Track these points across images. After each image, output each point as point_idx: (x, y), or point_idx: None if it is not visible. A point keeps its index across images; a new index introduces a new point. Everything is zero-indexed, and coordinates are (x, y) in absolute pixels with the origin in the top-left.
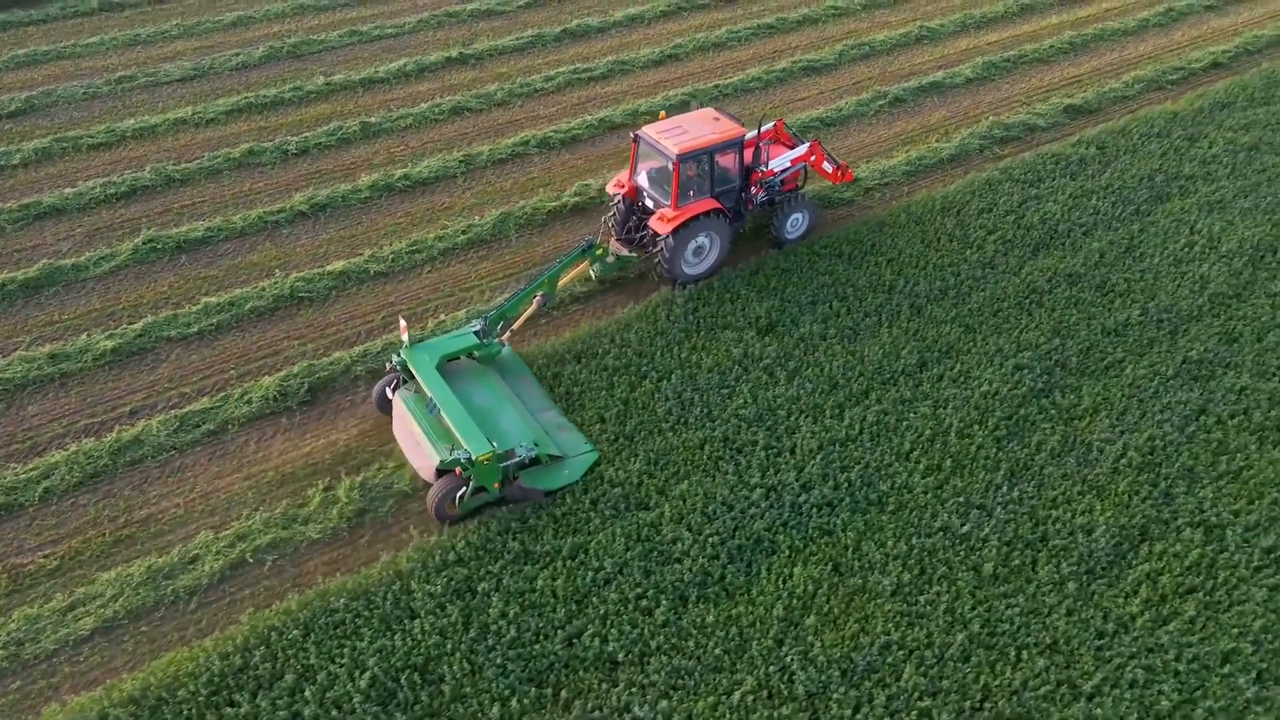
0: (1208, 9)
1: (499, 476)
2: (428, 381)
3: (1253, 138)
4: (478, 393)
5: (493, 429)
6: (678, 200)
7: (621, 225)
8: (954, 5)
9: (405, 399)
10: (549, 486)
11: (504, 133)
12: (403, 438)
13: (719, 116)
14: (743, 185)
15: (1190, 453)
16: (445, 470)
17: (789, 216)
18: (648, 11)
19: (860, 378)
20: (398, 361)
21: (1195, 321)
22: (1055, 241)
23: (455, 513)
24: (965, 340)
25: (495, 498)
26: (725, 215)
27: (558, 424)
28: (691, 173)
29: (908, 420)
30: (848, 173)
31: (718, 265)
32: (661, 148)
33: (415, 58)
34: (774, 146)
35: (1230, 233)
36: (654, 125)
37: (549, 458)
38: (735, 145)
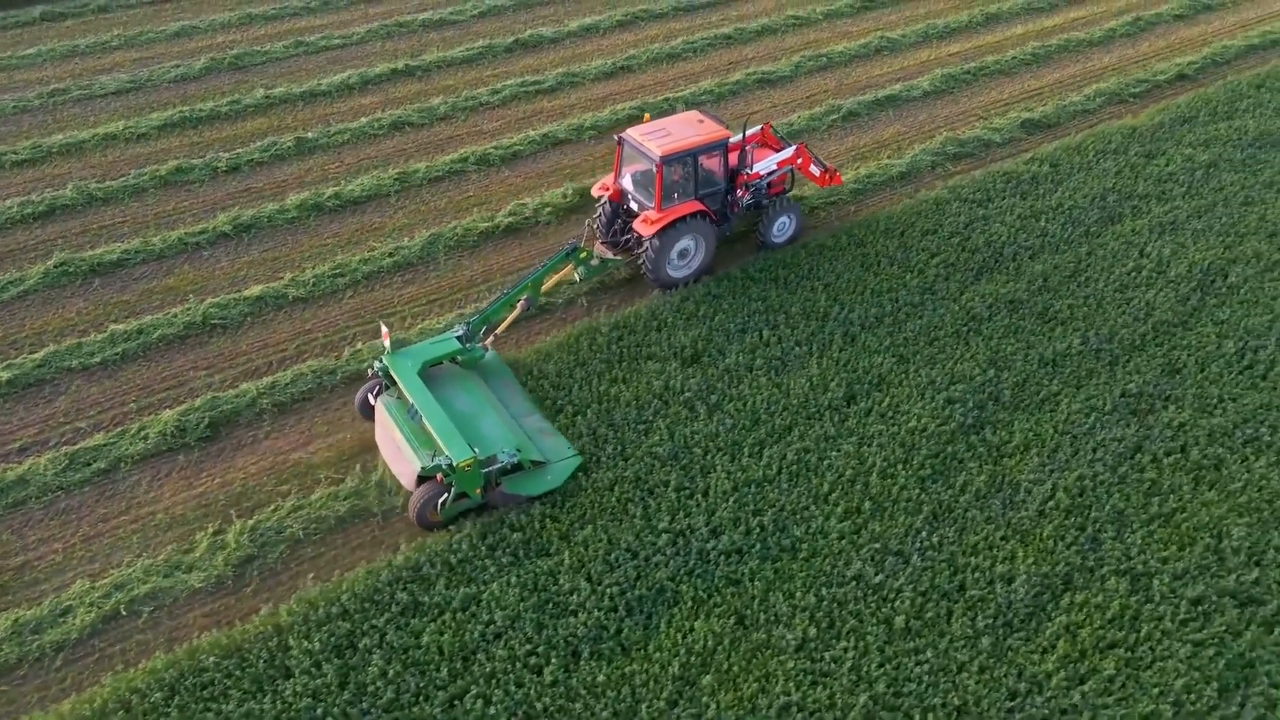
0: (1177, 18)
1: (481, 482)
2: (409, 387)
3: (1212, 154)
4: (460, 398)
5: (475, 434)
6: (662, 203)
7: (607, 228)
8: (917, 14)
9: (387, 405)
10: (532, 492)
11: (443, 149)
12: (384, 444)
13: (704, 119)
14: (728, 188)
15: (1121, 494)
16: (427, 477)
17: (776, 220)
18: (603, 21)
19: (784, 412)
20: (379, 367)
21: (1137, 351)
22: (999, 265)
23: (437, 519)
24: (897, 371)
25: (478, 504)
26: (710, 218)
27: (541, 429)
28: (676, 175)
29: (829, 459)
30: (836, 176)
31: (704, 268)
32: (645, 150)
33: (360, 70)
34: (761, 149)
35: (1181, 256)
36: (638, 127)
37: (532, 463)
38: (720, 148)
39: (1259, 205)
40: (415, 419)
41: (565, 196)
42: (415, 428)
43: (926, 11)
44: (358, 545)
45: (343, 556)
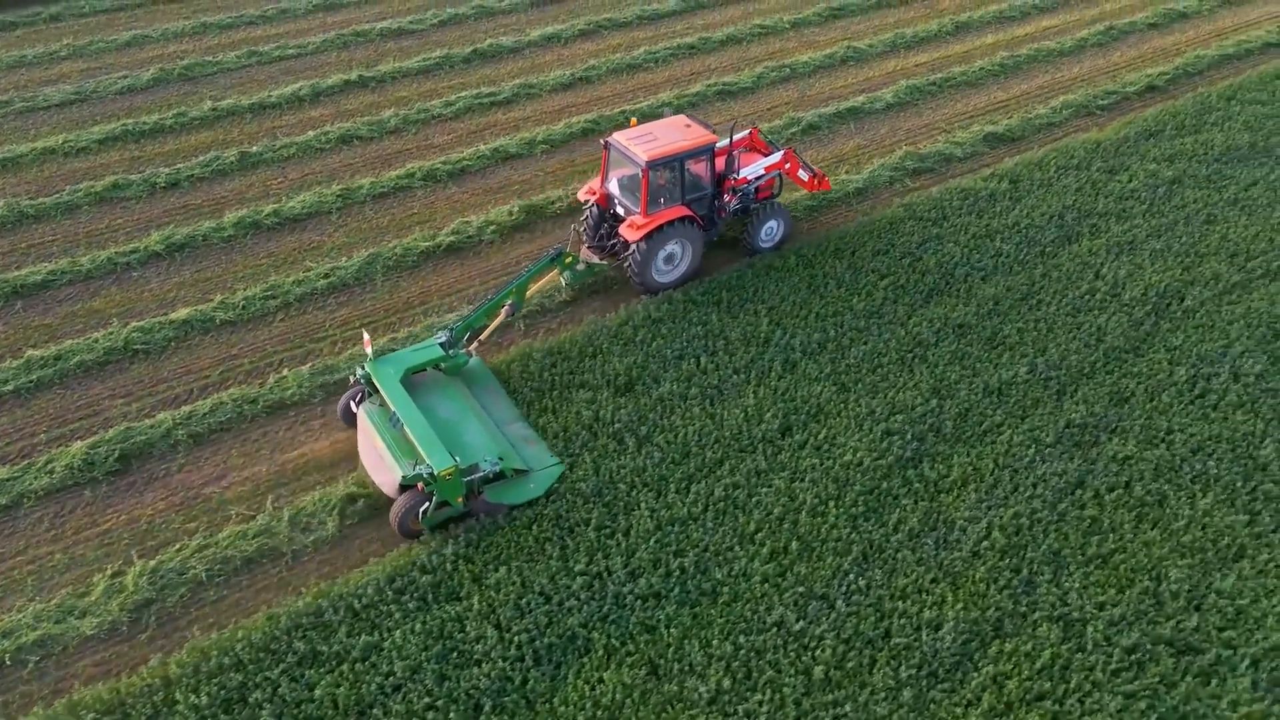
0: (1151, 27)
1: (463, 491)
2: (391, 395)
3: (1176, 170)
4: (443, 405)
5: (457, 442)
6: (648, 208)
7: (593, 233)
8: (886, 23)
9: (369, 413)
10: (513, 501)
11: (391, 163)
12: (366, 452)
13: (690, 123)
14: (715, 193)
15: (1059, 533)
16: (408, 485)
17: (763, 224)
18: (565, 31)
19: (716, 445)
20: (361, 375)
21: (1086, 379)
22: (950, 288)
23: (419, 528)
24: (837, 401)
25: (460, 512)
26: (697, 223)
27: (524, 436)
28: (662, 180)
29: (759, 496)
30: (824, 181)
31: (691, 273)
32: (631, 155)
33: (312, 81)
34: (749, 154)
35: (1137, 278)
36: (624, 132)
37: (514, 471)
38: (706, 152)
39: (1221, 224)
40: (397, 427)
41: (511, 214)
42: (397, 436)
43: (896, 20)
44: (263, 587)
45: (246, 600)
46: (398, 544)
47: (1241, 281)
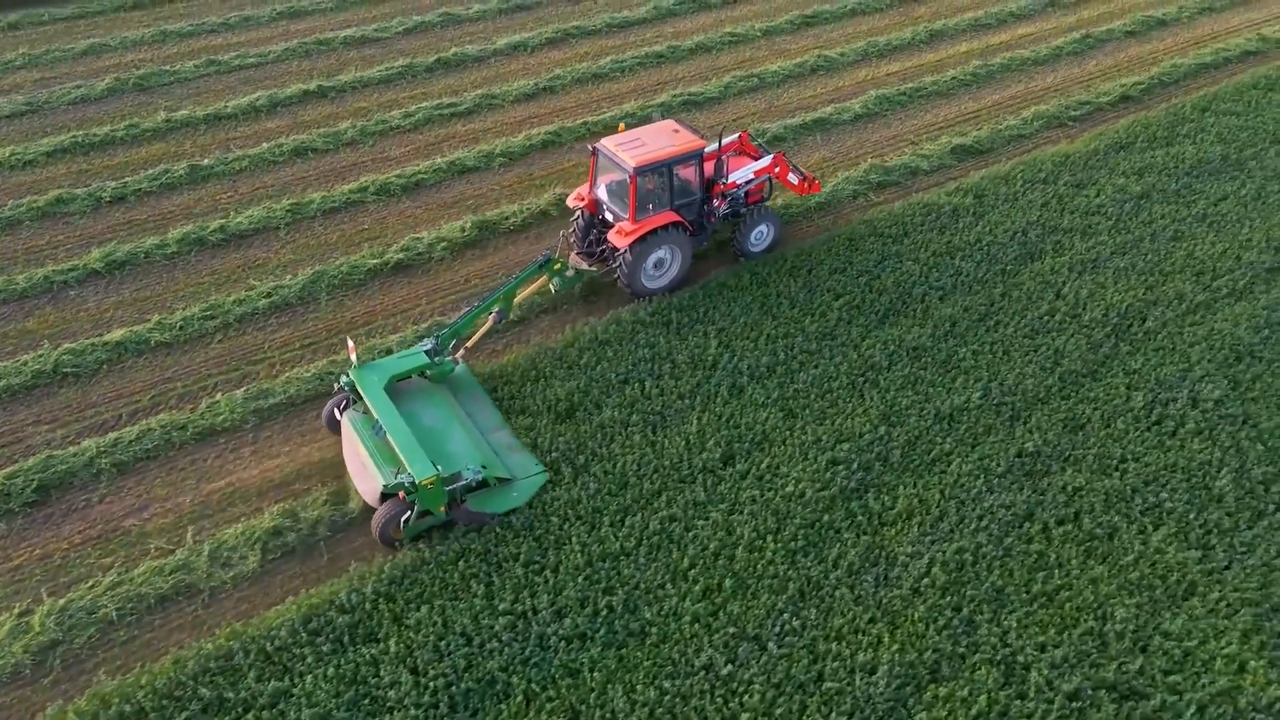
0: (1129, 35)
1: (445, 500)
2: (374, 402)
3: (1145, 185)
4: (427, 413)
5: (440, 451)
6: (636, 214)
7: (583, 238)
8: (859, 31)
9: (353, 420)
10: (496, 510)
11: (344, 177)
12: (349, 460)
13: (679, 129)
14: (704, 198)
15: (1003, 569)
16: (390, 494)
17: (754, 229)
18: (532, 39)
19: (655, 475)
20: (346, 382)
21: (1040, 405)
22: (907, 308)
23: (401, 537)
24: (783, 428)
25: (442, 521)
26: (686, 228)
27: (508, 444)
28: (650, 186)
29: (696, 529)
30: (815, 184)
31: (680, 279)
32: (619, 161)
33: (271, 91)
34: (739, 158)
35: (1098, 298)
36: (613, 138)
37: (497, 480)
38: (695, 158)
39: (1188, 240)
40: (380, 435)
41: (464, 230)
42: (380, 444)
43: (869, 28)
44: (176, 627)
45: (157, 640)
46: (319, 580)
47: (1206, 301)
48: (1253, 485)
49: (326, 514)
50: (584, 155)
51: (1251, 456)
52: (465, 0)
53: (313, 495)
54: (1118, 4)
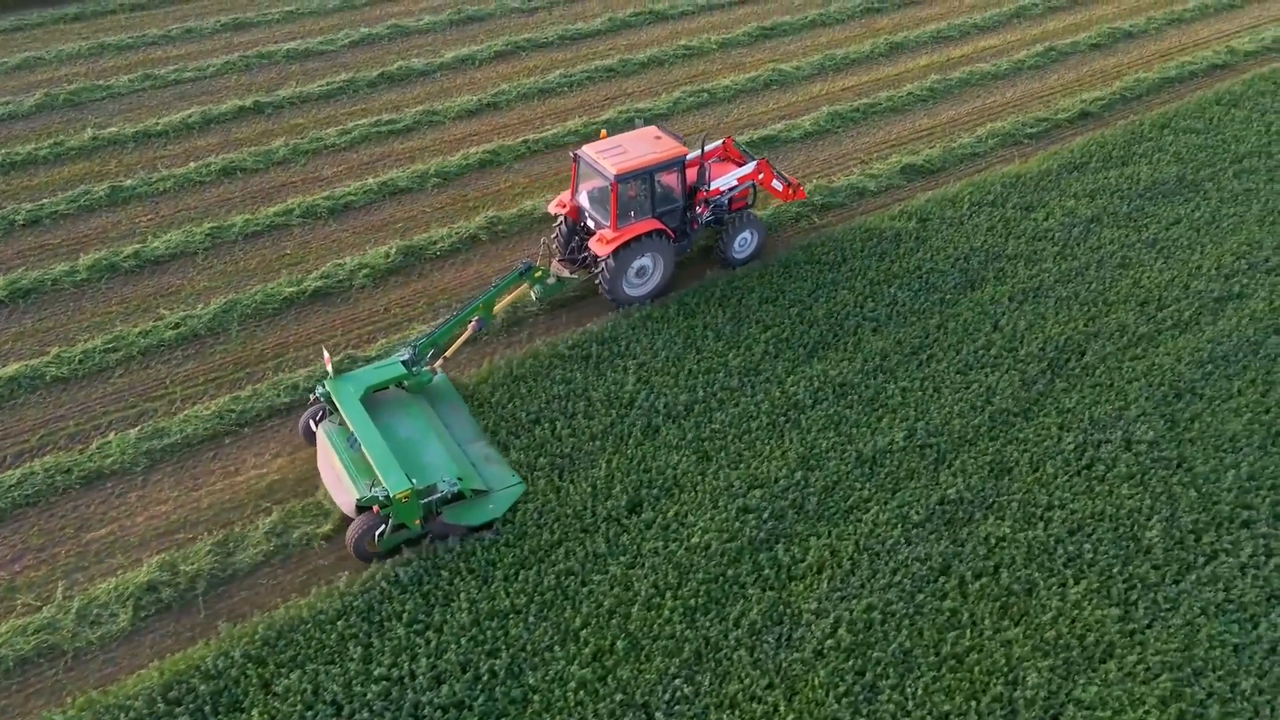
0: (1093, 48)
1: (420, 513)
2: (349, 414)
3: (1096, 208)
4: (403, 424)
5: (415, 463)
6: (617, 221)
7: (565, 246)
8: (818, 43)
9: (328, 432)
10: (472, 522)
11: (271, 198)
12: (325, 472)
13: (660, 135)
14: (687, 205)
15: (912, 629)
16: (365, 507)
17: (737, 235)
18: (481, 52)
19: (556, 525)
20: (321, 393)
21: (967, 447)
22: (838, 341)
23: (376, 550)
24: (694, 473)
25: (418, 534)
26: (669, 236)
27: (485, 455)
28: (631, 193)
29: (592, 584)
30: (799, 191)
31: (663, 286)
32: (600, 168)
33: (205, 107)
34: (723, 164)
35: (1037, 329)
36: (594, 144)
37: (473, 492)
38: (677, 164)
39: (1135, 268)
40: (354, 447)
41: (388, 257)
42: (355, 456)
43: (829, 40)
44: (35, 692)
45: (13, 708)
46: (192, 640)
47: (1148, 334)
48: (1182, 535)
49: (208, 566)
50: (520, 176)
51: (1183, 503)
52: (415, 12)
53: (197, 545)
54: (1083, 15)
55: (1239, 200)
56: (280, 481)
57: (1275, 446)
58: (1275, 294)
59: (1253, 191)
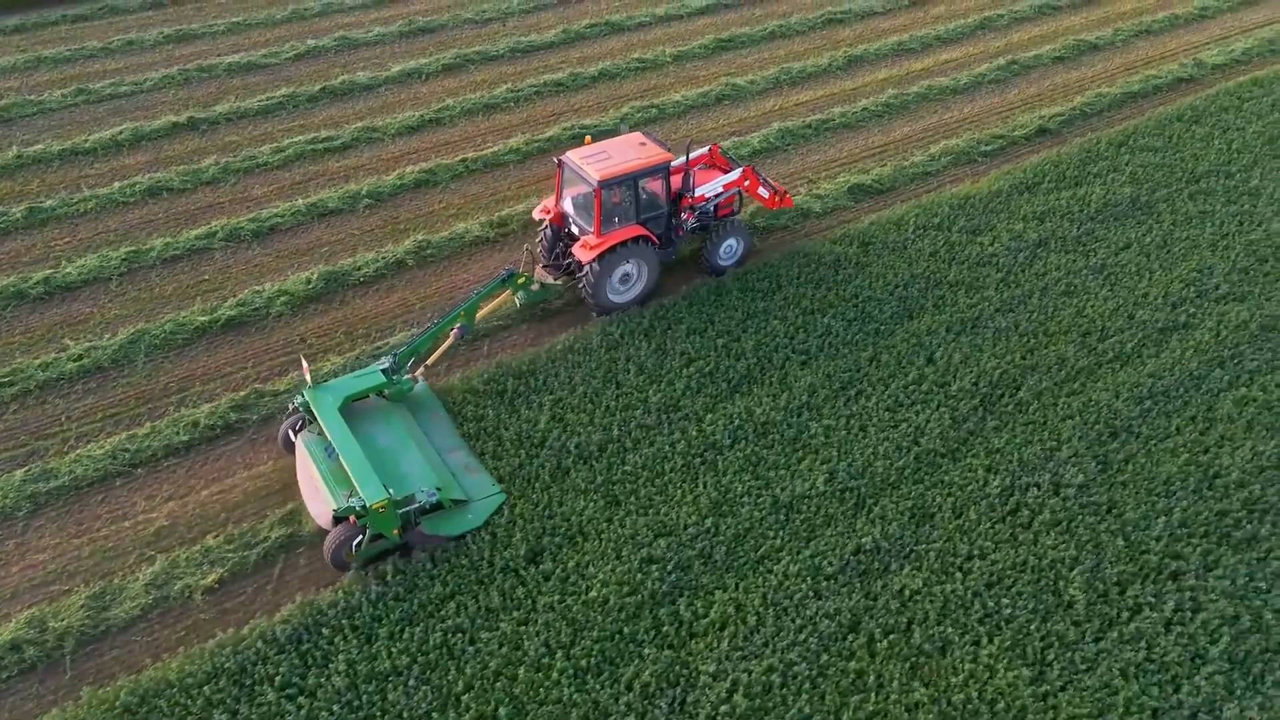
0: (1057, 61)
1: (398, 524)
2: (328, 424)
3: (1044, 231)
4: (382, 434)
5: (394, 472)
6: (601, 227)
7: (549, 252)
8: (775, 56)
9: (307, 441)
10: (451, 533)
11: (195, 220)
12: (303, 482)
13: (645, 141)
14: (672, 211)
15: (814, 693)
16: (342, 518)
17: (723, 243)
18: (429, 65)
19: (450, 576)
20: (300, 402)
21: (890, 491)
22: (764, 375)
23: (353, 560)
24: (601, 519)
25: (396, 544)
26: (653, 242)
27: (466, 464)
28: (615, 199)
29: (481, 643)
30: (786, 198)
31: (648, 293)
32: (584, 174)
33: (138, 123)
34: (709, 171)
35: (972, 363)
36: (578, 150)
37: (453, 502)
38: (661, 171)
39: (1080, 296)
40: (332, 457)
41: (309, 283)
42: (333, 466)
43: (786, 53)
44: None
45: None
46: (56, 702)
47: (1087, 367)
48: (1106, 588)
49: (79, 623)
50: (455, 197)
51: (1109, 553)
52: (365, 23)
53: (71, 598)
54: (1050, 26)
55: (1193, 223)
56: (169, 528)
57: (1210, 490)
58: (1222, 324)
59: (1208, 214)
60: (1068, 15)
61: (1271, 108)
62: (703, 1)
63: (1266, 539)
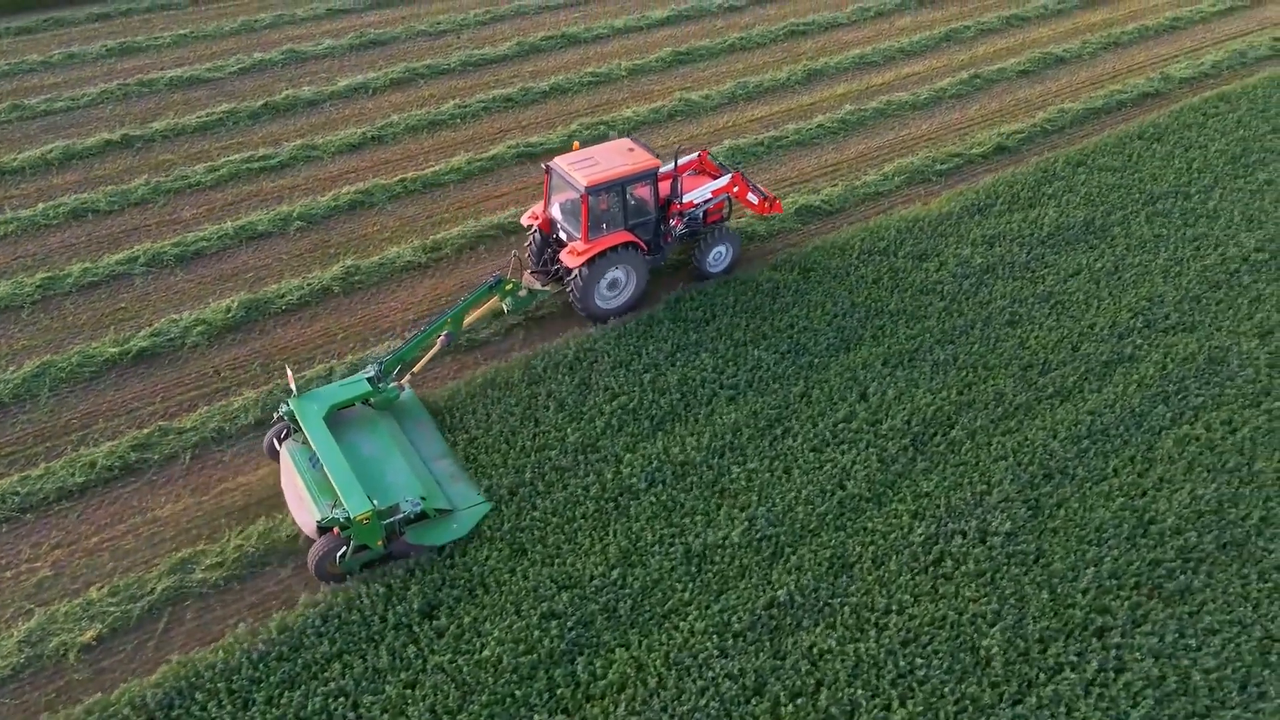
0: (1021, 75)
1: (382, 534)
2: (312, 433)
3: (993, 257)
4: (367, 443)
5: (379, 482)
6: (589, 233)
7: (537, 257)
8: (734, 70)
9: (291, 451)
10: (435, 542)
11: (119, 244)
12: (288, 491)
13: (634, 147)
14: (660, 217)
15: None
16: (326, 528)
17: (712, 249)
18: (377, 80)
19: (339, 634)
20: (285, 411)
21: (809, 539)
22: (689, 412)
23: (338, 571)
24: (503, 569)
25: (380, 554)
26: (641, 248)
27: (451, 473)
28: (603, 205)
29: (363, 708)
30: (776, 204)
31: (637, 299)
32: (571, 179)
33: (71, 141)
34: (699, 177)
35: (906, 399)
36: (566, 156)
37: (437, 512)
38: (649, 177)
39: (1024, 326)
40: (316, 466)
41: (228, 311)
42: (318, 476)
43: (745, 67)
44: None
45: None
46: None
47: (1026, 404)
48: (1028, 645)
49: None
50: (390, 219)
51: (1033, 607)
52: (316, 35)
53: None
54: (1018, 38)
55: (1147, 248)
56: (52, 578)
57: (1144, 538)
58: (1169, 356)
59: (1162, 238)
60: (1036, 26)
61: (1237, 124)
62: (664, 13)
63: (1199, 591)
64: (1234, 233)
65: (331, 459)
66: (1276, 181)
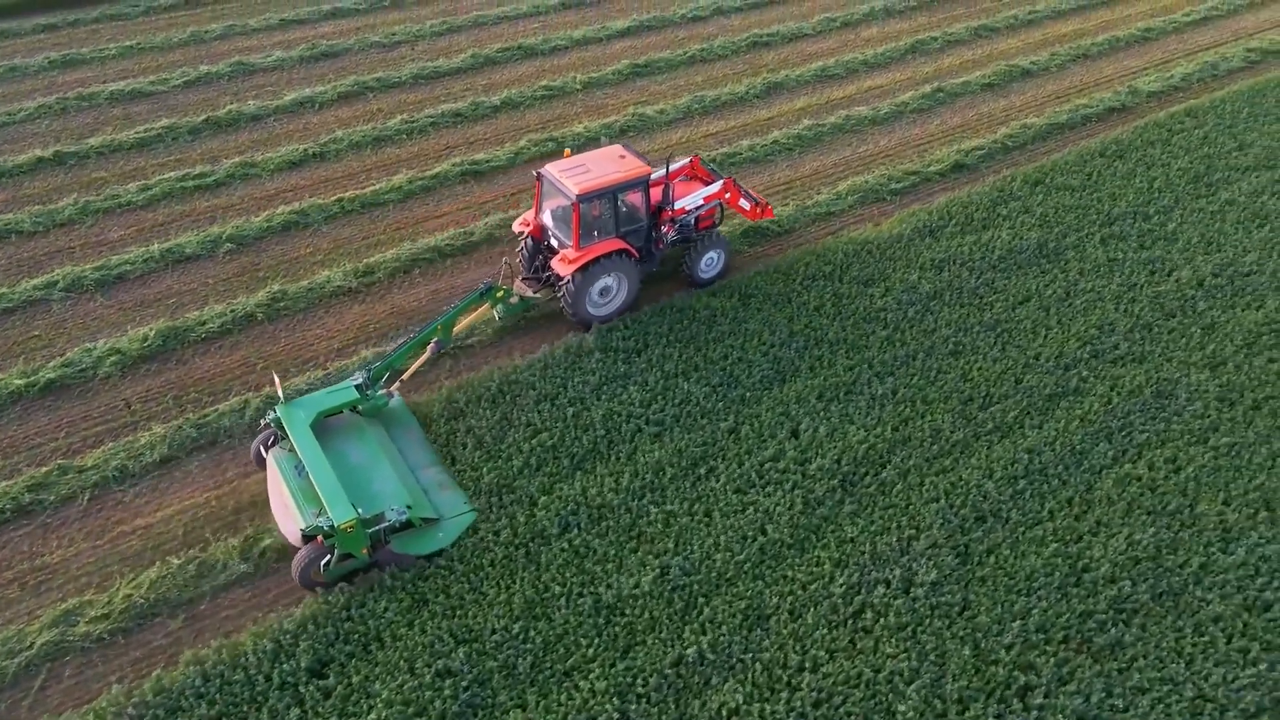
0: (986, 88)
1: (366, 543)
2: (299, 441)
3: (940, 282)
4: (354, 450)
5: (365, 490)
6: (580, 241)
7: (529, 264)
8: (692, 83)
9: (278, 458)
10: (421, 551)
11: (40, 267)
12: (274, 499)
13: (625, 154)
14: (652, 224)
15: None
16: (310, 536)
17: (703, 255)
18: (325, 93)
19: (220, 694)
20: (272, 418)
21: (725, 589)
22: (611, 450)
23: (322, 580)
24: (401, 622)
25: (366, 563)
26: (633, 255)
27: (438, 482)
28: (595, 212)
29: None
30: (768, 209)
31: (628, 305)
32: (563, 187)
33: (4, 157)
34: (690, 183)
35: (839, 436)
36: (557, 163)
37: (423, 520)
38: (641, 184)
39: (968, 356)
40: (302, 475)
41: (145, 340)
42: (303, 483)
43: (704, 79)
44: None
45: None
46: None
47: (963, 441)
48: (945, 707)
49: None
50: (323, 240)
51: (954, 665)
52: (266, 47)
53: None
54: (984, 50)
55: (1100, 272)
56: None
57: (1077, 587)
58: (1115, 389)
59: (1117, 262)
60: (1005, 38)
61: (1202, 141)
62: (625, 23)
63: (1130, 646)
64: (1191, 256)
65: (317, 466)
66: (1238, 201)
